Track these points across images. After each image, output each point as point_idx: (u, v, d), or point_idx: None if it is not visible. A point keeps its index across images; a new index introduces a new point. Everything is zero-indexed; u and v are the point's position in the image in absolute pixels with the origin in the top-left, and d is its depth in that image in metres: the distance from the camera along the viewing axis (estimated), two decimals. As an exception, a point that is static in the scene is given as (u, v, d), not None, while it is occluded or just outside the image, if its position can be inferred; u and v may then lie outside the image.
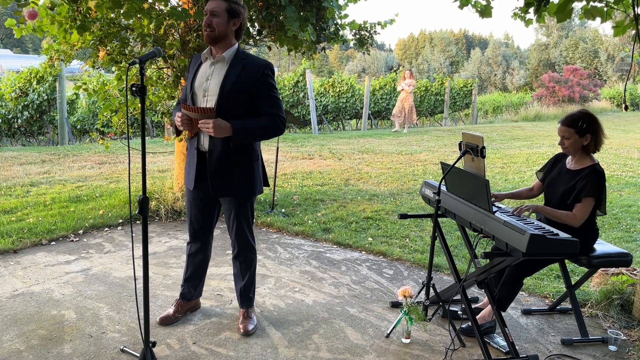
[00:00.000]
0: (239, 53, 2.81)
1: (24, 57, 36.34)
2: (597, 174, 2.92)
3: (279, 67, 70.43)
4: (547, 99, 23.92)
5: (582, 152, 3.01)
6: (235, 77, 2.74)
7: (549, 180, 3.17)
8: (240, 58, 2.79)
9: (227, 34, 2.76)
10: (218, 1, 2.71)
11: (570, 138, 2.98)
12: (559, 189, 3.05)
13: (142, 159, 2.38)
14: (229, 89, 2.72)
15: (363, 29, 5.91)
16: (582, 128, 2.95)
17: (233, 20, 2.75)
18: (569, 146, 3.00)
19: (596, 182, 2.90)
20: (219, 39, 2.74)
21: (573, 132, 2.96)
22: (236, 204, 2.91)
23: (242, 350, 2.84)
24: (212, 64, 2.81)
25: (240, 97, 2.74)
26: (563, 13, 3.16)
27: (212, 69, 2.80)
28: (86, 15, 4.47)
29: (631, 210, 5.95)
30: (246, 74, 2.75)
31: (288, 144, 11.07)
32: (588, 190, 2.89)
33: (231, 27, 2.76)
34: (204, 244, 3.11)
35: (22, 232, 4.62)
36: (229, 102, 2.73)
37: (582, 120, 2.96)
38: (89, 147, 10.18)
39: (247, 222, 2.98)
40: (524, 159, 9.70)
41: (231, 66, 2.77)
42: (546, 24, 51.02)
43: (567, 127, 2.98)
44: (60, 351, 2.78)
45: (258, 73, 2.76)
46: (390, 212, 5.71)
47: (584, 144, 2.98)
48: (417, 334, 3.07)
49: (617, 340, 2.96)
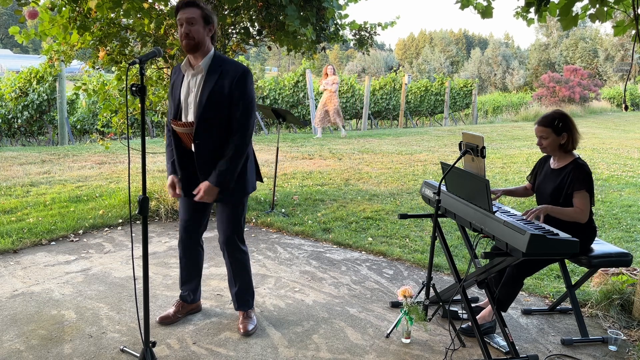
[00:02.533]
0: (216, 59, 2.82)
1: (24, 57, 36.37)
2: (580, 167, 2.99)
3: (279, 67, 70.41)
4: (547, 99, 23.92)
5: (560, 150, 3.07)
6: (212, 84, 2.75)
7: (538, 183, 3.23)
8: (217, 65, 2.80)
9: (205, 41, 2.77)
10: (192, 9, 2.71)
11: (548, 137, 3.05)
12: (547, 189, 3.11)
13: (142, 159, 2.38)
14: (206, 99, 2.75)
15: (363, 30, 5.91)
16: (559, 127, 3.02)
17: (208, 26, 2.77)
18: (547, 145, 3.06)
19: (582, 174, 2.96)
20: (198, 46, 2.75)
21: (550, 131, 3.03)
22: (226, 210, 2.94)
23: (242, 350, 2.84)
24: (193, 75, 2.82)
25: (217, 106, 2.76)
26: (568, 19, 3.16)
27: (194, 80, 2.81)
28: (87, 16, 4.47)
29: (631, 210, 5.95)
30: (224, 78, 2.76)
31: (288, 144, 11.07)
32: (577, 184, 2.95)
33: (207, 33, 2.78)
34: (195, 245, 3.12)
35: (22, 232, 4.62)
36: (206, 113, 2.75)
37: (558, 119, 3.03)
38: (89, 147, 10.19)
39: (238, 225, 2.99)
40: (524, 159, 9.70)
41: (209, 74, 2.78)
42: (546, 24, 51.00)
43: (544, 127, 3.05)
44: (60, 351, 2.77)
45: (236, 76, 2.77)
46: (390, 212, 5.71)
47: (561, 142, 3.04)
48: (417, 334, 3.07)
49: (617, 340, 2.96)
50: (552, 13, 3.50)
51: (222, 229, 2.98)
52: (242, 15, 5.05)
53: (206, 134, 2.77)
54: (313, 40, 5.10)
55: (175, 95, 2.88)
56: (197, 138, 2.78)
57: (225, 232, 2.97)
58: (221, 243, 3.02)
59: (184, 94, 2.83)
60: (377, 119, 19.82)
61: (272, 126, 16.66)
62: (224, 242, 3.00)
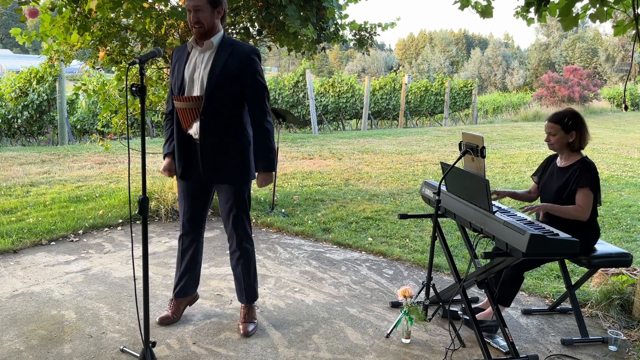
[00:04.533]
0: (225, 39, 2.82)
1: (24, 57, 36.34)
2: (587, 166, 2.99)
3: (279, 67, 70.39)
4: (547, 99, 23.93)
5: (568, 149, 3.08)
6: (223, 62, 2.76)
7: (543, 182, 3.23)
8: (227, 44, 2.80)
9: (215, 24, 2.77)
10: None
11: (556, 134, 3.05)
12: (552, 187, 3.11)
13: (142, 159, 2.38)
14: (218, 74, 2.74)
15: (363, 30, 5.91)
16: (568, 125, 3.03)
17: (217, 9, 2.76)
18: (555, 142, 3.07)
19: (588, 173, 2.96)
20: (209, 32, 2.76)
21: (559, 128, 3.04)
22: (232, 191, 2.90)
23: (242, 350, 2.84)
24: (201, 52, 2.82)
25: (228, 83, 2.76)
26: (568, 19, 3.16)
27: (202, 57, 2.81)
28: (87, 16, 4.47)
29: (631, 210, 5.95)
30: (234, 59, 2.77)
31: (288, 144, 11.07)
32: (582, 182, 2.95)
33: (217, 16, 2.77)
34: (196, 236, 3.08)
35: (22, 232, 4.62)
36: (217, 88, 2.75)
37: (568, 117, 3.04)
38: (88, 147, 10.18)
39: (245, 211, 2.95)
40: (524, 159, 9.70)
41: (218, 52, 2.78)
42: (546, 24, 51.00)
43: (553, 123, 3.07)
44: (60, 351, 2.77)
45: (246, 58, 2.78)
46: (390, 212, 5.71)
47: (569, 140, 3.05)
48: (417, 334, 3.07)
49: (617, 340, 2.96)
50: (552, 13, 3.50)
51: (230, 217, 2.93)
52: (242, 15, 5.05)
53: (214, 108, 2.76)
54: (313, 40, 5.10)
55: (179, 72, 2.85)
56: (203, 113, 2.76)
57: (235, 220, 2.92)
58: (230, 229, 2.96)
59: (190, 70, 2.81)
60: (377, 119, 19.82)
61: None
62: (233, 223, 2.93)
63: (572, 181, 2.99)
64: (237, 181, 2.88)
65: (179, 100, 2.78)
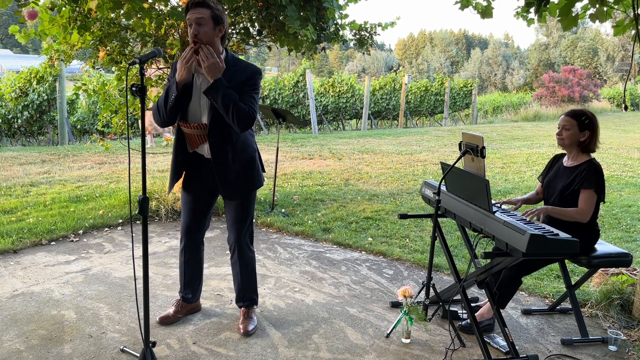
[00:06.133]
0: (229, 59, 2.77)
1: (24, 57, 36.34)
2: (594, 167, 2.98)
3: (279, 67, 70.40)
4: (547, 99, 23.94)
5: (577, 147, 3.07)
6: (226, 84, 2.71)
7: (548, 180, 3.21)
8: (230, 65, 2.75)
9: (214, 42, 2.71)
10: (202, 9, 2.64)
11: (570, 129, 3.04)
12: (557, 186, 3.10)
13: (142, 159, 2.38)
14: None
15: (363, 30, 5.91)
16: (584, 123, 3.03)
17: (218, 27, 2.70)
18: (566, 137, 3.05)
19: (595, 175, 2.95)
20: None
21: (575, 123, 3.03)
22: (240, 202, 2.94)
23: (242, 350, 2.84)
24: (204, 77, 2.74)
25: None
26: (568, 19, 3.16)
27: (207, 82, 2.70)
28: (87, 16, 4.47)
29: (631, 210, 5.95)
30: (237, 78, 2.73)
31: (288, 144, 11.08)
32: (587, 183, 2.94)
33: (217, 34, 2.71)
34: (197, 245, 3.13)
35: (22, 232, 4.62)
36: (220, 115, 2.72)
37: (586, 116, 3.05)
38: (89, 147, 10.18)
39: (250, 220, 3.01)
40: (524, 159, 9.71)
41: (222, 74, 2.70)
42: (546, 24, 50.98)
43: (570, 117, 3.06)
44: (60, 351, 2.77)
45: (248, 76, 2.75)
46: (390, 212, 5.71)
47: (580, 139, 3.04)
48: (417, 334, 3.07)
49: (617, 340, 2.96)
50: (552, 13, 3.50)
51: (233, 229, 2.99)
52: (242, 15, 5.05)
53: (220, 130, 2.76)
54: (313, 40, 5.10)
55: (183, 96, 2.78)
56: (211, 136, 2.77)
57: (237, 232, 2.98)
58: (232, 242, 3.02)
59: (195, 97, 2.78)
60: (377, 119, 19.83)
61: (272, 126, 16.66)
62: (235, 240, 3.00)
63: (577, 181, 2.98)
64: (247, 194, 2.93)
65: (185, 126, 2.80)
